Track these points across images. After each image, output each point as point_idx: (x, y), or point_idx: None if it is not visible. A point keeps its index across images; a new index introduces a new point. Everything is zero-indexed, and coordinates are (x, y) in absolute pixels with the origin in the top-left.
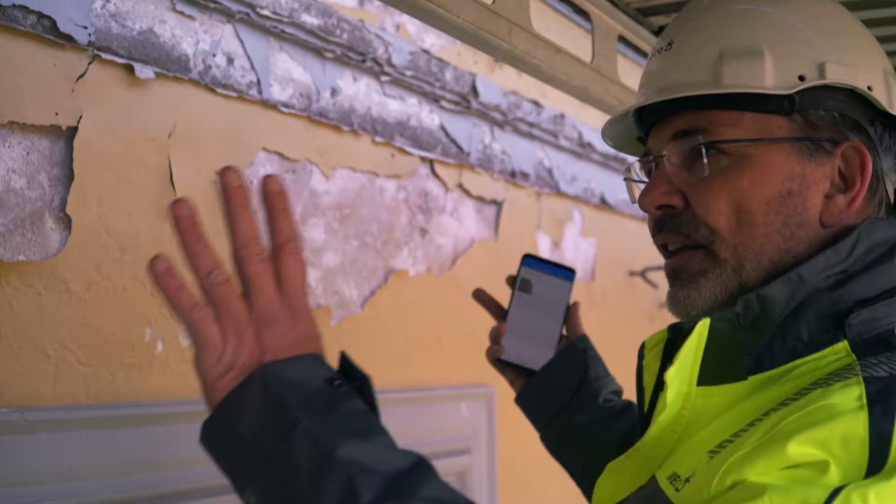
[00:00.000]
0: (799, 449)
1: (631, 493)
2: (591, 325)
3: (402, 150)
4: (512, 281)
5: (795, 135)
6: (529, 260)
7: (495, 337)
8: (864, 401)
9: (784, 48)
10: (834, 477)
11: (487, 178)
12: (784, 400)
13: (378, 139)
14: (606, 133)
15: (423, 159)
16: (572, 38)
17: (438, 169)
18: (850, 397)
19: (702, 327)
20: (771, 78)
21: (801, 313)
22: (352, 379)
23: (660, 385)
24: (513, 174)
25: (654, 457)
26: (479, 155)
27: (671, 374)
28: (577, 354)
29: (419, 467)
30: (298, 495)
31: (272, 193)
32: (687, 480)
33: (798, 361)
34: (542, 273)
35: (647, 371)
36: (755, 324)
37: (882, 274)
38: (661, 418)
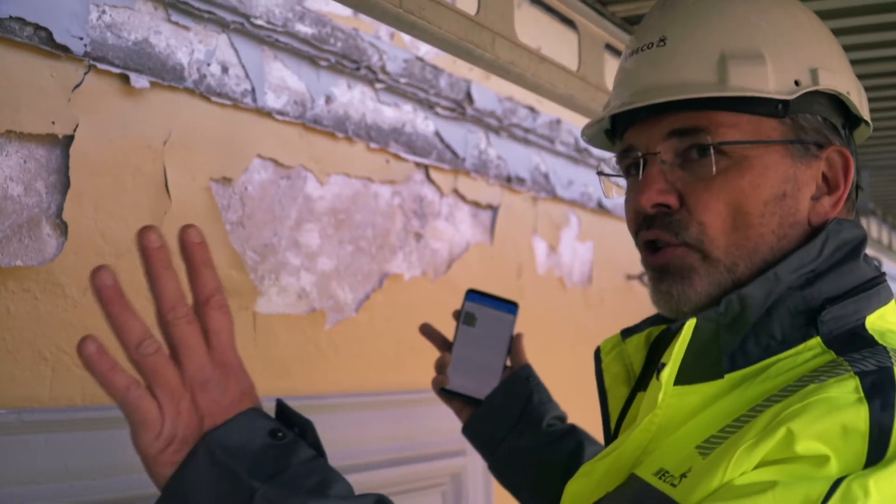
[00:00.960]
0: (803, 442)
1: (606, 494)
2: (589, 328)
3: (396, 157)
4: (457, 314)
5: (787, 138)
6: (473, 294)
7: (440, 367)
8: (862, 393)
9: (781, 52)
10: (833, 469)
11: (483, 183)
12: (769, 397)
13: (373, 145)
14: (585, 131)
15: (418, 165)
16: (568, 43)
17: (433, 174)
18: (846, 390)
19: (688, 328)
20: (773, 82)
21: (773, 312)
22: (293, 424)
23: (640, 384)
24: (508, 179)
25: (627, 457)
26: (475, 160)
27: (667, 375)
28: (520, 382)
29: None
30: None
31: (192, 245)
32: (683, 476)
33: (773, 359)
34: (485, 307)
35: (607, 373)
36: (734, 323)
37: (849, 272)
38: (647, 419)
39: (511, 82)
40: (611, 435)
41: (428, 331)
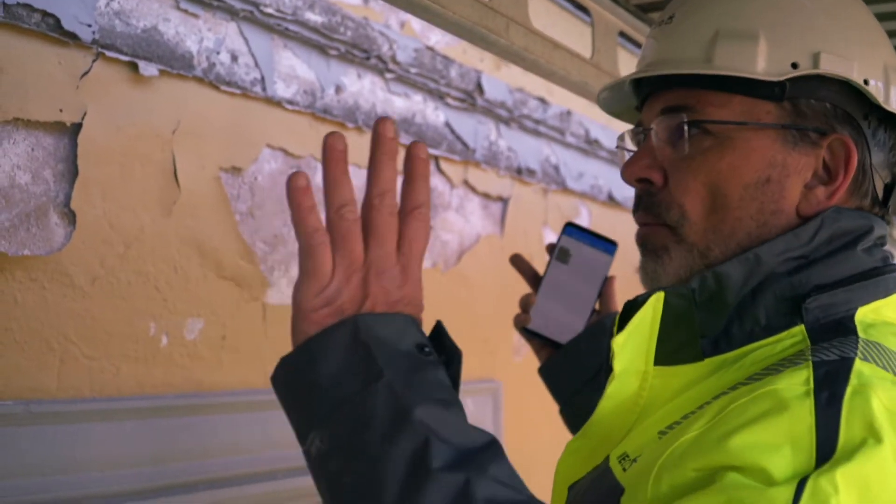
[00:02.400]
0: (743, 439)
1: (586, 474)
2: None
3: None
4: (551, 248)
5: (782, 122)
6: (571, 229)
7: (525, 305)
8: (811, 385)
9: (781, 33)
10: (785, 470)
11: (493, 174)
12: (735, 384)
13: None
14: (602, 100)
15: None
16: (579, 34)
17: (444, 166)
18: (796, 382)
19: (655, 300)
20: (762, 63)
21: (759, 296)
22: (442, 351)
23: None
24: (519, 171)
25: (611, 437)
26: (485, 152)
27: (619, 342)
28: (604, 333)
29: (492, 447)
30: (367, 446)
31: (419, 159)
32: (634, 461)
33: (755, 345)
34: (582, 243)
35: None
36: (710, 302)
37: (843, 262)
38: (611, 389)
39: (525, 69)
40: None
41: (518, 262)
